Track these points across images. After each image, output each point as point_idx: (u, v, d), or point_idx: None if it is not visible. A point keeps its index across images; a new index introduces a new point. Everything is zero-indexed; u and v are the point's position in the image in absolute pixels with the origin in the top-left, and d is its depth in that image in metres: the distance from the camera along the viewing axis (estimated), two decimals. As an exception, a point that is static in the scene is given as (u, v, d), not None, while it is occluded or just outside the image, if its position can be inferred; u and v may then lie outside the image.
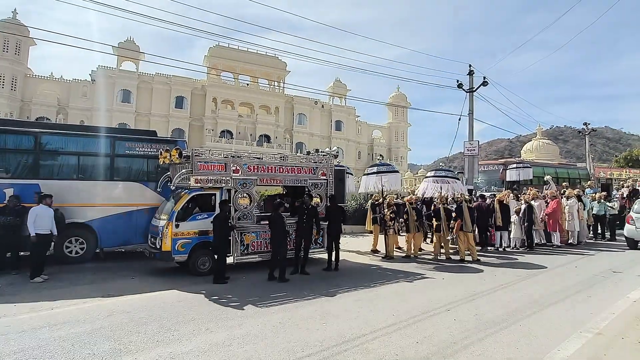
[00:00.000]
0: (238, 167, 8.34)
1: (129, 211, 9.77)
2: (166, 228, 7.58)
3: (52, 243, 8.27)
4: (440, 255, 10.67)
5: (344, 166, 11.85)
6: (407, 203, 11.26)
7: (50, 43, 52.23)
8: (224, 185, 8.20)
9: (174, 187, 8.14)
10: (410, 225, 10.94)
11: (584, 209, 13.51)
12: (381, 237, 11.83)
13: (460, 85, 17.20)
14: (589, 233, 14.53)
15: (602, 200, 14.62)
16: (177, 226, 7.67)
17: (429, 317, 5.51)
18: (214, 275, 7.63)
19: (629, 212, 14.88)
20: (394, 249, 11.13)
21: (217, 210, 7.91)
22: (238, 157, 8.52)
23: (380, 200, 11.67)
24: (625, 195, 17.42)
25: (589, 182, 20.53)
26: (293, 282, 7.65)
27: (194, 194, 7.98)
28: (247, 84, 54.91)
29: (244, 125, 53.47)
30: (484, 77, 16.89)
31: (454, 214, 10.62)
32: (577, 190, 15.16)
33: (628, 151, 55.56)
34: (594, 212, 14.32)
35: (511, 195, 12.95)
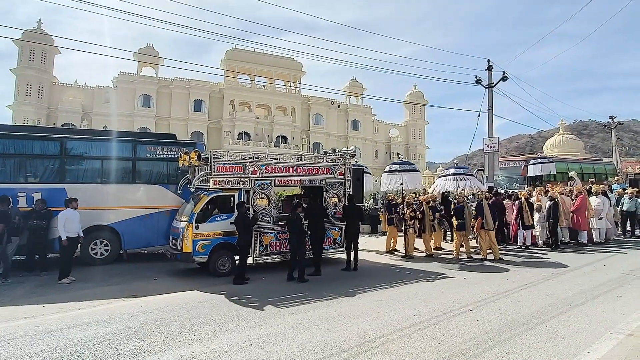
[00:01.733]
0: (256, 169, 8.40)
1: (150, 213, 9.98)
2: (186, 229, 7.70)
3: (79, 245, 8.52)
4: (460, 255, 10.48)
5: (361, 165, 11.81)
6: (423, 202, 11.10)
7: (74, 51, 53.89)
8: (242, 186, 8.28)
9: (193, 189, 8.26)
10: (427, 224, 10.79)
11: (611, 205, 13.03)
12: (397, 237, 11.75)
13: (479, 81, 16.88)
14: (618, 230, 14.02)
15: (634, 196, 14.07)
16: (197, 227, 7.78)
17: (451, 318, 5.40)
18: (234, 276, 7.71)
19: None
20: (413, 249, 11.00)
21: (235, 213, 7.99)
22: (256, 158, 8.58)
23: (398, 200, 11.57)
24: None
25: (617, 177, 19.80)
26: (312, 283, 7.64)
27: (212, 195, 8.07)
28: (264, 86, 55.27)
29: (261, 126, 53.85)
30: (503, 72, 16.53)
31: (474, 212, 10.43)
32: (603, 186, 14.66)
33: (658, 144, 53.30)
34: (624, 208, 13.81)
35: (535, 191, 12.64)
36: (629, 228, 14.18)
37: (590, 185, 14.67)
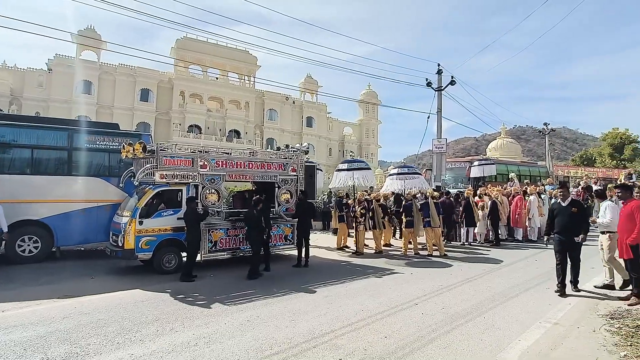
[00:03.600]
0: (206, 163, 8.11)
1: (88, 208, 9.31)
2: (129, 225, 7.26)
3: (3, 242, 7.76)
4: (409, 251, 10.84)
5: (314, 162, 11.82)
6: (373, 200, 11.35)
7: (2, 29, 48.82)
8: (190, 180, 7.95)
9: (137, 183, 7.80)
10: (377, 221, 11.05)
11: (543, 205, 14.11)
12: (348, 234, 11.94)
13: (429, 84, 17.55)
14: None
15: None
16: (140, 223, 7.36)
17: (398, 312, 5.56)
18: (181, 273, 7.40)
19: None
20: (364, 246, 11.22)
21: (184, 208, 7.67)
22: (206, 152, 8.30)
23: (349, 201, 11.75)
24: (580, 192, 18.38)
25: (549, 179, 21.51)
26: (262, 280, 7.54)
27: (159, 189, 7.68)
28: (217, 78, 53.65)
29: (213, 120, 52.28)
30: (452, 77, 17.33)
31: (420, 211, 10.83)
32: (537, 187, 15.85)
33: (584, 150, 58.85)
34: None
35: (479, 191, 13.39)
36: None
37: (526, 186, 15.79)
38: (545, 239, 7.24)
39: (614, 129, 48.34)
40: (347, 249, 11.50)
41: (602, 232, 6.48)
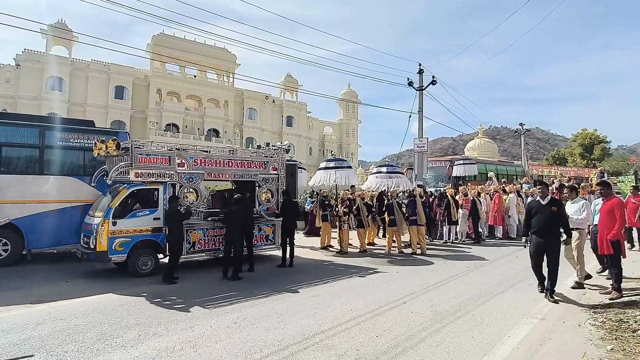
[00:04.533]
0: (183, 161, 7.84)
1: (61, 208, 8.88)
2: (102, 226, 6.92)
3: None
4: (392, 250, 10.87)
5: (295, 161, 11.70)
6: (358, 199, 11.32)
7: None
8: (168, 179, 7.67)
9: (109, 182, 7.42)
10: (363, 220, 11.02)
11: (523, 203, 14.44)
12: (331, 233, 11.87)
13: (410, 84, 17.68)
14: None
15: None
16: (114, 224, 7.04)
17: (387, 311, 5.51)
18: (163, 274, 7.14)
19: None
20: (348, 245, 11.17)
21: (166, 207, 7.41)
22: (183, 150, 8.03)
23: (332, 201, 11.68)
24: (555, 190, 18.93)
25: (525, 178, 22.08)
26: (246, 281, 7.36)
27: (133, 188, 7.38)
28: (194, 76, 52.69)
29: (191, 118, 51.34)
30: (433, 76, 17.50)
31: (405, 208, 10.88)
32: (515, 185, 16.22)
33: (556, 150, 60.94)
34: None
35: (460, 190, 13.59)
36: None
37: (504, 185, 16.13)
38: (523, 240, 6.72)
39: (584, 130, 50.19)
40: (331, 249, 11.43)
41: (573, 229, 6.36)
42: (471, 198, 12.81)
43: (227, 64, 53.03)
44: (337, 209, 11.06)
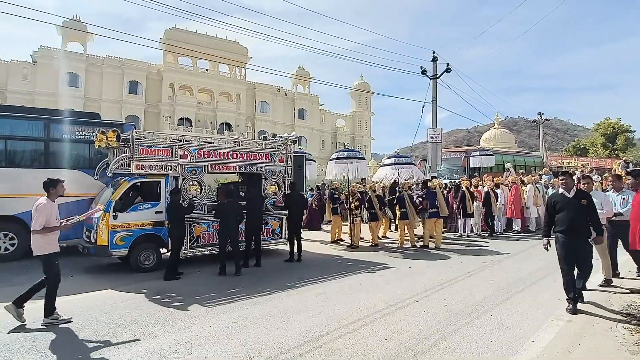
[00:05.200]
0: (186, 153, 7.57)
1: (67, 202, 8.73)
2: (102, 220, 6.72)
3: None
4: (405, 243, 10.48)
5: (304, 152, 11.34)
6: (369, 191, 10.92)
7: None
8: (170, 172, 7.42)
9: (110, 174, 7.18)
10: (377, 213, 10.64)
11: (540, 194, 13.80)
12: (342, 227, 11.54)
13: (424, 72, 17.10)
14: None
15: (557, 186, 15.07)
16: (115, 217, 6.83)
17: (397, 310, 5.16)
18: (165, 270, 6.92)
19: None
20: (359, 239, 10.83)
21: (168, 200, 7.17)
22: (186, 141, 7.76)
23: (342, 194, 11.33)
24: (576, 181, 18.15)
25: (544, 169, 21.29)
26: (251, 276, 7.09)
27: (135, 181, 7.15)
28: (206, 70, 52.68)
29: (204, 112, 51.40)
30: (447, 64, 16.88)
31: (420, 200, 10.46)
32: (534, 176, 15.55)
33: (576, 140, 59.09)
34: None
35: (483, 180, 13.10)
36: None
37: (521, 176, 15.48)
38: (545, 242, 5.44)
39: (606, 119, 48.37)
40: (341, 242, 11.11)
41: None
42: (486, 190, 12.29)
43: (238, 57, 52.74)
44: (347, 202, 10.69)
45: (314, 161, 12.89)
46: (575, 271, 5.18)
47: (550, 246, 5.33)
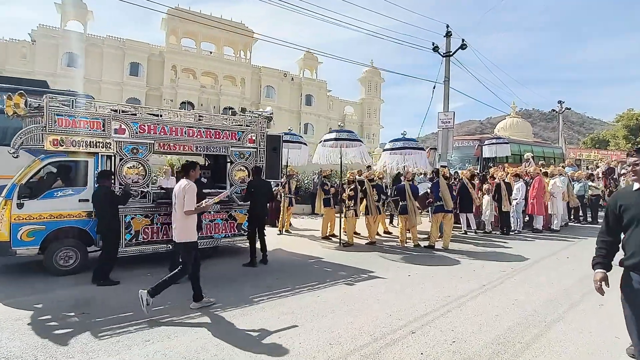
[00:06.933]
0: (123, 126, 5.98)
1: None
2: (1, 209, 5.24)
3: None
4: (406, 242, 8.90)
5: (294, 134, 9.70)
6: (365, 180, 9.29)
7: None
8: (103, 150, 5.88)
9: (12, 151, 5.42)
10: (371, 206, 9.04)
11: (562, 187, 12.03)
12: (335, 221, 9.93)
13: (435, 49, 15.22)
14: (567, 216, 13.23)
15: (584, 179, 13.31)
16: (20, 206, 5.34)
17: (383, 348, 3.61)
18: (93, 273, 5.44)
19: (609, 192, 13.76)
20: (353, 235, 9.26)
21: (88, 187, 5.67)
22: (123, 111, 6.15)
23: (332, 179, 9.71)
24: (601, 174, 16.36)
25: (568, 160, 19.45)
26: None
27: (50, 160, 5.64)
28: (210, 52, 50.95)
29: (207, 96, 49.77)
30: (463, 40, 14.96)
31: (427, 191, 8.84)
32: (558, 167, 13.77)
33: (595, 132, 56.48)
34: (573, 192, 12.95)
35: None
36: (581, 213, 13.48)
37: (541, 167, 13.73)
38: (598, 278, 2.91)
39: (629, 110, 45.78)
40: (333, 239, 9.56)
41: None
42: (497, 181, 10.61)
43: (244, 39, 50.86)
44: (341, 193, 9.07)
45: (305, 144, 11.21)
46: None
47: (608, 286, 2.89)
